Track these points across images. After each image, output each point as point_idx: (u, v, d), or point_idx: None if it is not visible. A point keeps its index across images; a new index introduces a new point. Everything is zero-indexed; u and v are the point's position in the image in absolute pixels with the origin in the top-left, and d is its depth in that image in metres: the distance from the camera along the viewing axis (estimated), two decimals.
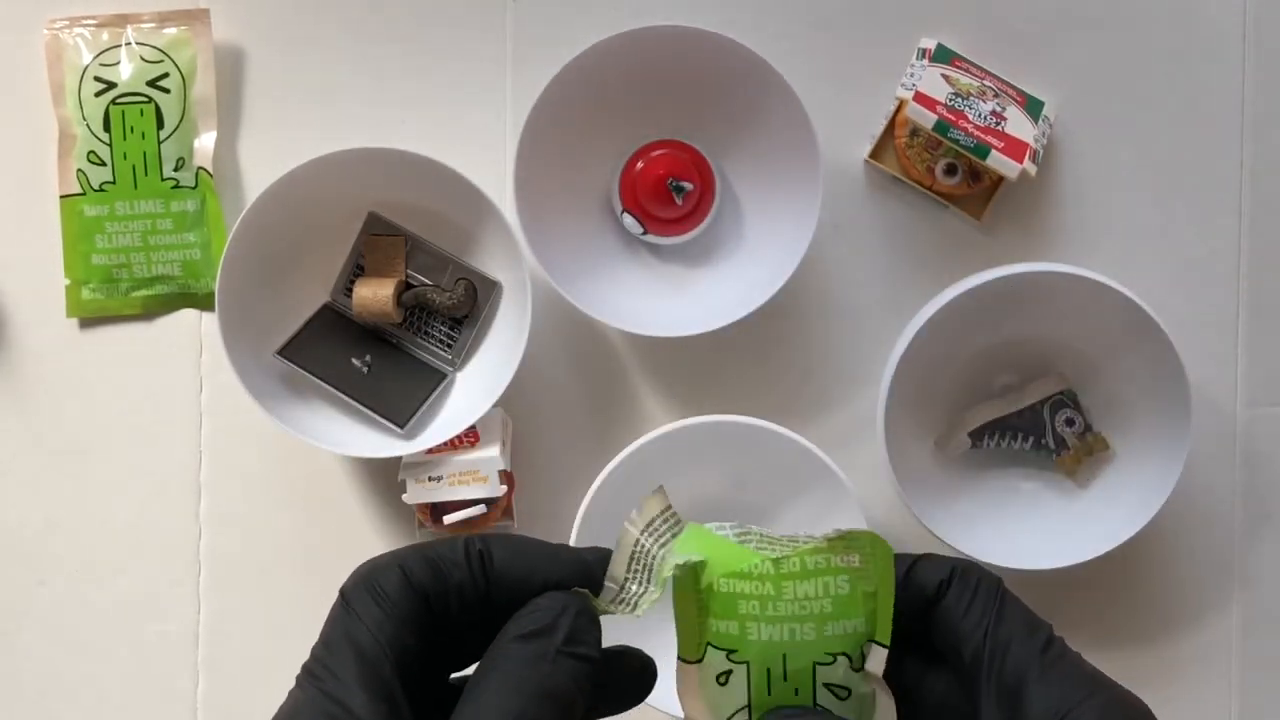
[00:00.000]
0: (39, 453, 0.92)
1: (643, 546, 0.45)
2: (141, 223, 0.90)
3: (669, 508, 0.46)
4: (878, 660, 0.44)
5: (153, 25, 0.90)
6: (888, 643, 0.44)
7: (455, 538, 0.43)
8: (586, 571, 0.44)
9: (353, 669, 0.39)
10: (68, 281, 0.92)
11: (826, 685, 0.44)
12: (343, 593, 0.42)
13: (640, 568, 0.44)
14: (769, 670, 0.44)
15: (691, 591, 0.43)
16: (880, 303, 0.92)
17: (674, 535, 0.45)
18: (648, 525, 0.45)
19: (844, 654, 0.44)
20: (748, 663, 0.44)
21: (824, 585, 0.43)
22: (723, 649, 0.44)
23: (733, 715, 0.45)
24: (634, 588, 0.44)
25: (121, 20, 0.90)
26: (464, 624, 0.42)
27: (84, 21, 0.90)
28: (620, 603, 0.44)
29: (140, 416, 0.92)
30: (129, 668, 0.93)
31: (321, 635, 0.41)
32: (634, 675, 0.45)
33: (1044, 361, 0.89)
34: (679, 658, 0.44)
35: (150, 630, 0.93)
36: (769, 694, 0.44)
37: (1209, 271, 0.92)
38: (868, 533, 0.44)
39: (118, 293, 0.92)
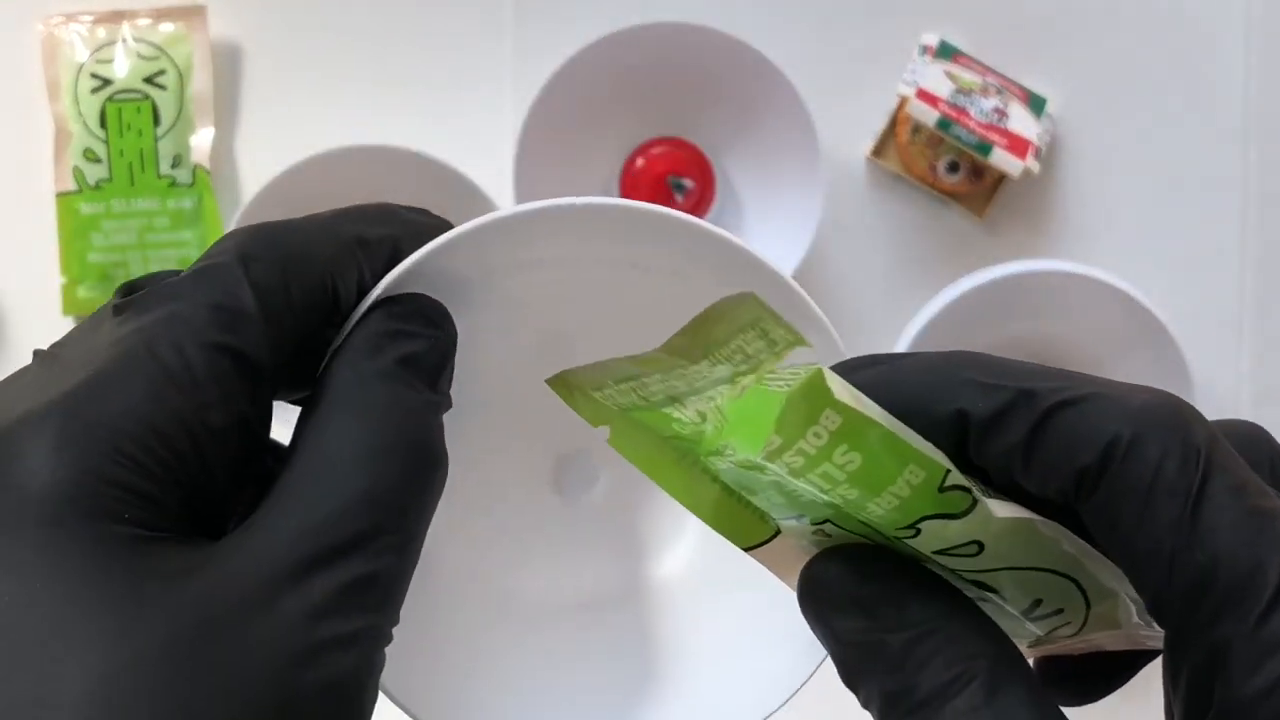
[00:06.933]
0: None
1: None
2: (138, 220, 0.90)
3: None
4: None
5: (149, 22, 0.90)
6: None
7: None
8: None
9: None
10: (64, 280, 0.91)
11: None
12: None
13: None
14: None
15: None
16: (880, 302, 0.92)
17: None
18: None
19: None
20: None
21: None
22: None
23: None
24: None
25: (118, 17, 0.90)
26: None
27: (80, 18, 0.90)
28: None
29: None
30: None
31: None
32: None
33: (1046, 361, 0.88)
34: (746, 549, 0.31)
35: None
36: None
37: (1213, 270, 0.92)
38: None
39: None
